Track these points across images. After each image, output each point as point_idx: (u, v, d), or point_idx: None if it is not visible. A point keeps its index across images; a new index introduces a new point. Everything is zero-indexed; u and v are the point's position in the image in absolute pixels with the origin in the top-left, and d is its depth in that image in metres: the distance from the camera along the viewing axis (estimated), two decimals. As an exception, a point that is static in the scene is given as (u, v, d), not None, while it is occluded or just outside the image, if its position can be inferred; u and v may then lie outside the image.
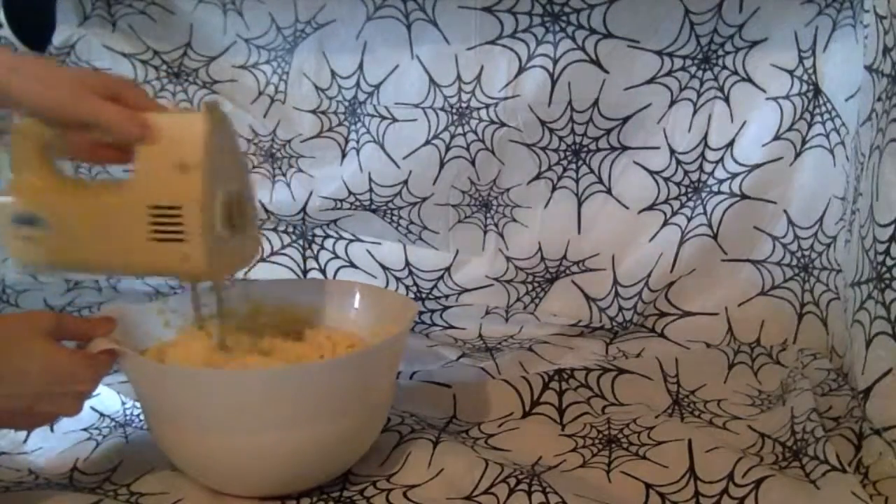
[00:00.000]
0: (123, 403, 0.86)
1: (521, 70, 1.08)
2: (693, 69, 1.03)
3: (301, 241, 1.26)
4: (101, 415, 0.85)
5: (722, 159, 1.04)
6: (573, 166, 1.11)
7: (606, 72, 1.05)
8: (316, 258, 1.24)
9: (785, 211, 1.03)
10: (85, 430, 0.83)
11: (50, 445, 0.80)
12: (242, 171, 0.74)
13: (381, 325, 0.80)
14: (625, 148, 1.08)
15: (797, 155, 1.01)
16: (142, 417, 0.83)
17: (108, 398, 0.87)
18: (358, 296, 0.85)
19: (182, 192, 0.64)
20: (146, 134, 0.64)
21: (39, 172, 0.68)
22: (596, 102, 1.06)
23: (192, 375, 0.68)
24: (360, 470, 0.73)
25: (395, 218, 1.19)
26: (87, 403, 0.70)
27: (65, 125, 0.65)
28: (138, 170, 0.65)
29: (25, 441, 0.80)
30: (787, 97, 1.00)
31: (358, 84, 1.17)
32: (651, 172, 1.08)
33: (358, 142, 1.19)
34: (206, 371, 0.71)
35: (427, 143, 1.13)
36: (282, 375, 0.67)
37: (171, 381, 0.67)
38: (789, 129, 1.00)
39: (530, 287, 1.16)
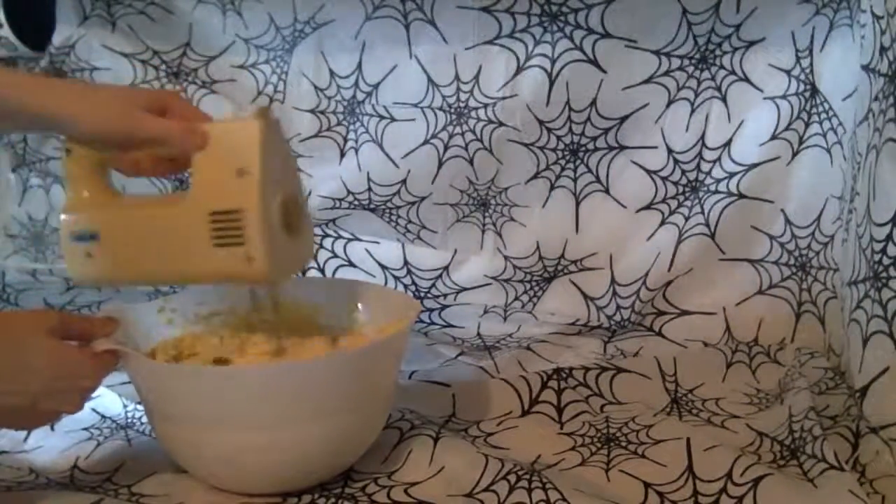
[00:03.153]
0: (125, 406, 0.86)
1: (519, 70, 1.08)
2: (690, 69, 1.03)
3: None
4: (102, 416, 0.85)
5: (719, 159, 1.05)
6: (571, 166, 1.11)
7: (604, 71, 1.05)
8: (315, 257, 1.24)
9: (782, 210, 1.03)
10: (86, 429, 0.83)
11: (50, 444, 0.80)
12: (294, 174, 0.75)
13: (384, 324, 0.80)
14: (622, 147, 1.09)
15: (794, 154, 1.01)
16: (143, 420, 0.83)
17: (109, 400, 0.87)
18: (364, 294, 0.85)
19: (241, 196, 0.65)
20: (205, 143, 0.66)
21: (94, 190, 0.71)
22: (594, 102, 1.07)
23: (196, 374, 0.69)
24: (362, 467, 0.74)
25: (393, 217, 1.19)
26: (88, 405, 0.70)
27: (119, 146, 0.67)
28: (197, 178, 0.67)
29: (26, 440, 0.80)
30: (784, 97, 1.00)
31: (357, 84, 1.17)
32: (649, 172, 1.08)
33: (357, 141, 1.19)
34: (209, 369, 0.72)
35: (425, 142, 1.14)
36: (282, 372, 0.67)
37: (174, 380, 0.68)
38: (786, 129, 1.00)
39: (528, 286, 1.17)
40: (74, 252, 0.69)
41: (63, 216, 0.70)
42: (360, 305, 0.84)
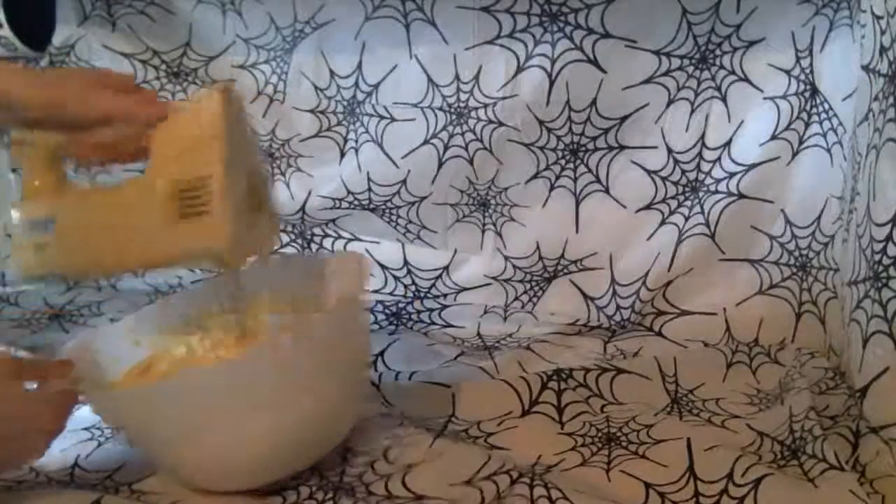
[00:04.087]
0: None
1: (519, 70, 1.08)
2: (690, 69, 1.03)
3: (300, 241, 1.26)
4: (103, 416, 0.86)
5: (719, 159, 1.05)
6: (571, 166, 1.11)
7: (604, 71, 1.05)
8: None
9: (782, 210, 1.03)
10: (86, 429, 0.83)
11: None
12: (255, 152, 0.74)
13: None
14: (622, 147, 1.09)
15: (794, 154, 1.01)
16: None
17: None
18: (320, 268, 0.84)
19: (204, 163, 0.64)
20: (164, 112, 0.65)
21: (49, 178, 0.69)
22: (594, 102, 1.07)
23: (142, 394, 0.67)
24: (359, 456, 0.74)
25: (393, 217, 1.19)
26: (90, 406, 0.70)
27: (75, 124, 0.64)
28: (156, 153, 0.65)
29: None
30: (784, 97, 1.00)
31: (357, 84, 1.17)
32: (649, 172, 1.08)
33: (357, 141, 1.19)
34: (154, 385, 0.70)
35: (425, 142, 1.14)
36: (231, 367, 0.66)
37: (132, 403, 0.66)
38: (787, 129, 1.00)
39: (528, 286, 1.17)
40: (24, 245, 0.67)
41: (13, 206, 0.68)
42: (322, 280, 0.82)
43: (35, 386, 0.65)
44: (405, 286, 1.20)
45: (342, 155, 1.21)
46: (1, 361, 0.64)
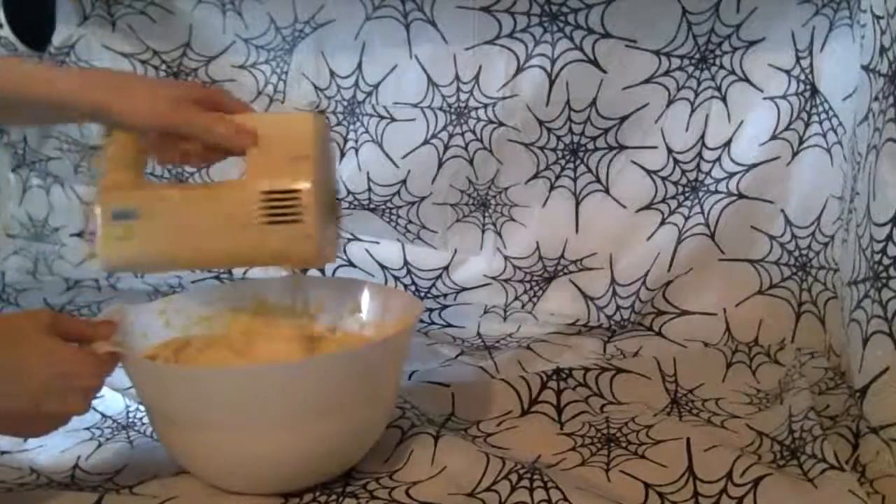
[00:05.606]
0: (127, 406, 0.87)
1: (519, 70, 1.08)
2: (690, 69, 1.03)
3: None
4: (104, 416, 0.86)
5: (719, 159, 1.05)
6: (571, 165, 1.11)
7: (604, 71, 1.05)
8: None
9: (782, 210, 1.03)
10: (87, 429, 0.83)
11: (52, 443, 0.79)
12: (334, 168, 0.81)
13: (386, 323, 0.80)
14: (622, 147, 1.09)
15: (794, 154, 1.01)
16: (145, 420, 0.83)
17: (111, 399, 0.87)
18: (367, 294, 0.85)
19: (298, 177, 0.68)
20: (255, 141, 0.70)
21: (129, 174, 0.71)
22: (594, 102, 1.07)
23: (195, 376, 0.68)
24: (363, 466, 0.74)
25: (393, 217, 1.19)
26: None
27: (168, 137, 0.69)
28: (251, 164, 0.70)
29: (26, 440, 0.80)
30: (784, 97, 1.00)
31: (357, 84, 1.17)
32: (648, 172, 1.08)
33: (357, 141, 1.19)
34: (209, 371, 0.72)
35: (425, 142, 1.14)
36: (282, 372, 0.66)
37: (174, 382, 0.67)
38: (786, 129, 1.00)
39: (528, 286, 1.17)
40: (109, 233, 0.69)
41: (101, 194, 0.70)
42: (363, 305, 0.84)
43: (75, 345, 0.65)
44: (405, 286, 1.20)
45: (342, 155, 1.21)
46: (42, 315, 0.63)
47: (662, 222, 1.09)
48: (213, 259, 0.78)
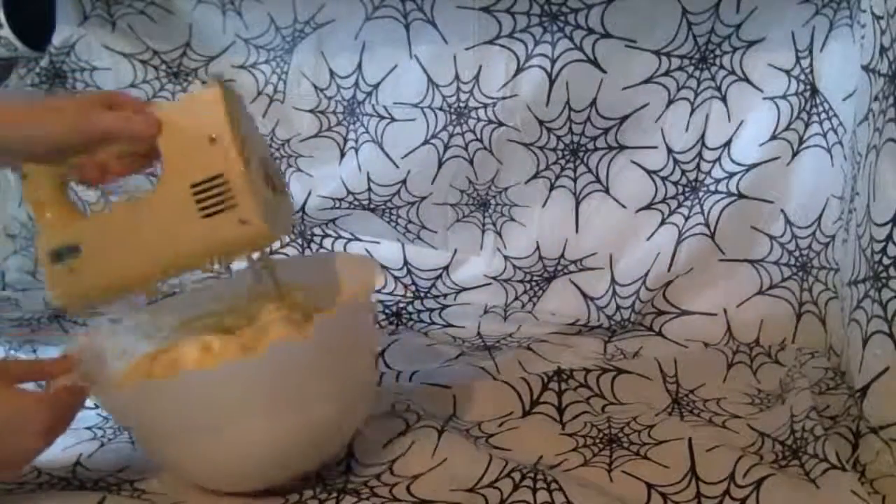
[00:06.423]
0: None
1: (519, 70, 1.08)
2: (690, 69, 1.03)
3: (300, 240, 1.26)
4: (105, 417, 0.85)
5: (719, 159, 1.05)
6: (571, 165, 1.11)
7: (604, 71, 1.05)
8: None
9: (782, 210, 1.03)
10: (88, 428, 0.83)
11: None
12: (260, 136, 0.74)
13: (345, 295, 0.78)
14: (622, 147, 1.09)
15: (794, 154, 1.01)
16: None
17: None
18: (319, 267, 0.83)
19: (219, 160, 0.64)
20: (159, 127, 0.64)
21: (59, 209, 0.68)
22: (594, 102, 1.07)
23: (155, 387, 0.66)
24: (364, 460, 0.74)
25: (393, 217, 1.19)
26: (89, 404, 0.70)
27: (78, 149, 0.65)
28: (167, 158, 0.65)
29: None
30: (784, 97, 1.00)
31: (357, 84, 1.17)
32: (648, 172, 1.08)
33: (357, 141, 1.19)
34: (164, 383, 0.68)
35: (425, 142, 1.14)
36: (233, 369, 0.65)
37: (139, 398, 0.66)
38: (786, 129, 1.00)
39: (528, 286, 1.17)
40: (57, 275, 0.67)
41: (37, 239, 0.67)
42: (336, 280, 0.81)
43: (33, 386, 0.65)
44: (405, 286, 1.20)
45: (342, 155, 1.21)
46: None
47: (662, 222, 1.09)
48: (169, 267, 0.71)
